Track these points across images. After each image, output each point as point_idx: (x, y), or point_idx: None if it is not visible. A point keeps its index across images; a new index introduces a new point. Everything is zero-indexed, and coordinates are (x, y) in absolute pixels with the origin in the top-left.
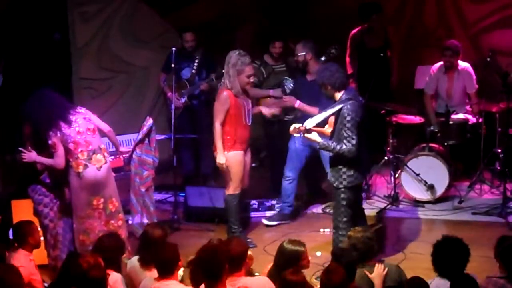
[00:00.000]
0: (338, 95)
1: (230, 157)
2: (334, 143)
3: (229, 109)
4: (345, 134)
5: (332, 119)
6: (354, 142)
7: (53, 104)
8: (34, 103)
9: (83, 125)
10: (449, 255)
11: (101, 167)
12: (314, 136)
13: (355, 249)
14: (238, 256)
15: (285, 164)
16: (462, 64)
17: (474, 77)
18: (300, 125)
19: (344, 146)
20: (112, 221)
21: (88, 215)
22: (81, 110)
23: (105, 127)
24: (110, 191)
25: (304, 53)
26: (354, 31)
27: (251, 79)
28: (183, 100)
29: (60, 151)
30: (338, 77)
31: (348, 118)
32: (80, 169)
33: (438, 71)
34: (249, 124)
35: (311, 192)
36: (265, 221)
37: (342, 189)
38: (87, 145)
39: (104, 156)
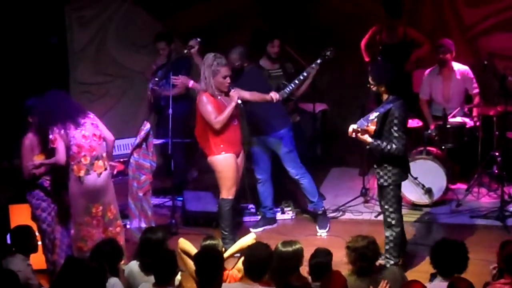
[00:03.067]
0: (387, 95)
1: (221, 161)
2: (384, 143)
3: (216, 108)
4: (395, 134)
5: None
6: (404, 142)
7: (67, 103)
8: (50, 96)
9: (90, 129)
10: (448, 256)
11: (101, 173)
12: (366, 137)
13: (365, 259)
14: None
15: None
16: (461, 68)
17: (474, 79)
18: (357, 126)
19: (394, 146)
20: (111, 228)
21: (86, 222)
22: (91, 115)
23: (109, 136)
24: (109, 198)
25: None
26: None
27: (227, 80)
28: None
29: (60, 146)
30: (394, 78)
31: (400, 118)
32: (82, 173)
33: (429, 75)
34: (236, 124)
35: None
36: (252, 229)
37: (391, 187)
38: (91, 151)
39: (104, 164)
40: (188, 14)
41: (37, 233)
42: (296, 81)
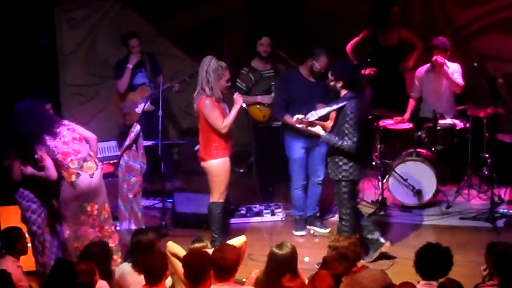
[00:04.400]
0: (344, 92)
1: (218, 164)
2: (336, 137)
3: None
4: (346, 131)
5: (333, 113)
6: (355, 139)
7: (38, 119)
8: (20, 117)
9: (68, 135)
10: (432, 261)
11: (93, 174)
12: (317, 129)
13: (345, 258)
14: (231, 264)
15: (292, 174)
16: (452, 65)
17: (461, 73)
18: (303, 116)
19: (345, 143)
20: (106, 227)
21: (82, 222)
22: (65, 122)
23: (89, 135)
24: (104, 197)
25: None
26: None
27: (229, 83)
28: (145, 105)
29: (48, 162)
30: (354, 77)
31: (351, 115)
32: (73, 178)
33: (421, 73)
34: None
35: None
36: (295, 233)
37: (343, 183)
38: (76, 154)
39: (95, 163)
40: (180, 16)
41: (27, 235)
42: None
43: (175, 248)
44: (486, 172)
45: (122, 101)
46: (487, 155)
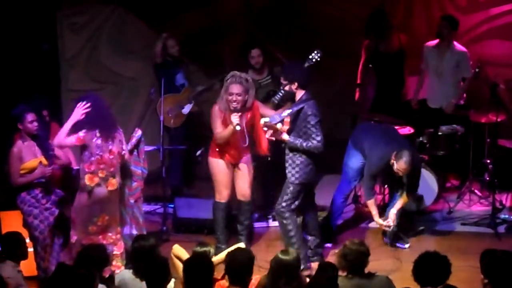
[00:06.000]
0: (300, 94)
1: (213, 163)
2: (301, 140)
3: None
4: (309, 132)
5: (287, 118)
6: (319, 139)
7: (102, 112)
8: (89, 100)
9: (117, 146)
10: (430, 269)
11: (112, 190)
12: (283, 135)
13: (345, 259)
14: (240, 267)
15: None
16: (460, 47)
17: (470, 62)
18: (268, 120)
19: (310, 143)
20: (110, 234)
21: (89, 231)
22: (120, 131)
23: (127, 156)
24: (115, 208)
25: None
26: (367, 41)
27: (233, 98)
28: (190, 105)
29: (77, 145)
30: (307, 77)
31: (313, 117)
32: (93, 184)
33: (427, 47)
34: (245, 145)
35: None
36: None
37: (293, 183)
38: (109, 167)
39: (118, 181)
40: (181, 21)
41: (27, 240)
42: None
43: (180, 252)
44: (488, 178)
45: (168, 105)
46: (488, 161)
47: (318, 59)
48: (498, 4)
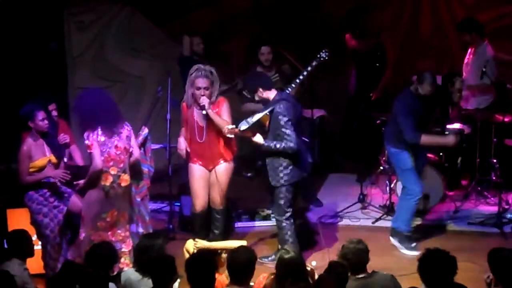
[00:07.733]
0: (271, 96)
1: (188, 168)
2: (274, 142)
3: (185, 120)
4: (282, 133)
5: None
6: (291, 139)
7: (102, 107)
8: (85, 98)
9: (123, 142)
10: (436, 267)
11: (125, 186)
12: (258, 138)
13: (346, 259)
14: (242, 266)
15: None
16: (487, 50)
17: (495, 67)
18: (234, 126)
19: (284, 145)
20: (119, 231)
21: (98, 227)
22: (127, 126)
23: (136, 153)
24: (125, 205)
25: None
26: (347, 39)
27: (201, 92)
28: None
29: (96, 152)
30: (264, 79)
31: (282, 117)
32: (107, 183)
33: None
34: (202, 141)
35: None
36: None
37: (280, 188)
38: (119, 162)
39: (129, 177)
40: (188, 20)
41: (34, 238)
42: (293, 85)
43: (191, 247)
44: (494, 177)
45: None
46: (495, 160)
47: (326, 57)
48: (506, 3)
